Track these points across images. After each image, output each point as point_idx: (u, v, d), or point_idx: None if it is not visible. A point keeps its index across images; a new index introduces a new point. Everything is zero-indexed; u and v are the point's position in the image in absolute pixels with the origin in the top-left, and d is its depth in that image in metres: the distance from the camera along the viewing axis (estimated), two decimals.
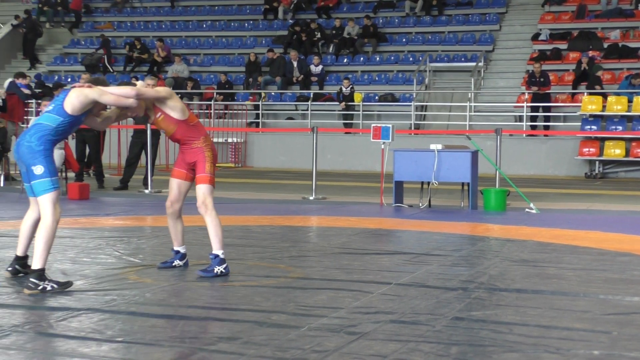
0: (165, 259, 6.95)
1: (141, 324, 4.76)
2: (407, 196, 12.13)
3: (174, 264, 6.62)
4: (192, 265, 6.68)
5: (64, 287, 5.66)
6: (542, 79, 20.89)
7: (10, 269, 6.14)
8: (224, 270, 6.29)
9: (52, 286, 5.59)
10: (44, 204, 5.65)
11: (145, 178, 14.10)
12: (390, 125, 12.34)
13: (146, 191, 13.85)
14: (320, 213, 11.11)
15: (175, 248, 6.66)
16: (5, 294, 5.53)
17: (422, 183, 11.93)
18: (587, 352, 4.27)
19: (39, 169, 5.66)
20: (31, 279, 5.57)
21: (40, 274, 5.59)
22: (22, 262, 6.15)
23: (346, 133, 21.93)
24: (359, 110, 22.43)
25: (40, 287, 5.54)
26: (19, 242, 6.12)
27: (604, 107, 19.83)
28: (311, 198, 12.96)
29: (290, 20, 27.43)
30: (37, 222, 5.90)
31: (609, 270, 6.78)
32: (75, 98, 5.82)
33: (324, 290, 5.77)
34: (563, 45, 23.60)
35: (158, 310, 5.07)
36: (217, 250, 6.33)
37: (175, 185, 6.50)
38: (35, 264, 5.60)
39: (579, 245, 8.21)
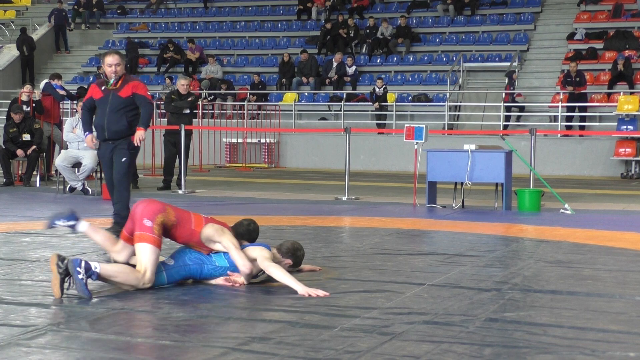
0: None
1: (175, 323, 4.78)
2: (440, 197, 12.08)
3: None
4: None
5: None
6: (577, 79, 20.73)
7: None
8: None
9: None
10: None
11: (179, 178, 14.18)
12: (423, 126, 12.29)
13: (180, 191, 13.93)
14: (353, 213, 11.09)
15: None
16: (41, 294, 5.58)
17: (456, 183, 11.88)
18: (623, 354, 4.22)
19: None
20: None
21: None
22: None
23: (379, 133, 21.90)
24: (392, 111, 22.40)
25: None
26: None
27: None
28: (344, 198, 12.95)
29: (323, 21, 27.45)
30: None
31: None
32: None
33: (356, 291, 5.77)
34: (599, 45, 23.40)
35: (192, 310, 5.09)
36: None
37: None
38: None
39: (614, 246, 8.12)
